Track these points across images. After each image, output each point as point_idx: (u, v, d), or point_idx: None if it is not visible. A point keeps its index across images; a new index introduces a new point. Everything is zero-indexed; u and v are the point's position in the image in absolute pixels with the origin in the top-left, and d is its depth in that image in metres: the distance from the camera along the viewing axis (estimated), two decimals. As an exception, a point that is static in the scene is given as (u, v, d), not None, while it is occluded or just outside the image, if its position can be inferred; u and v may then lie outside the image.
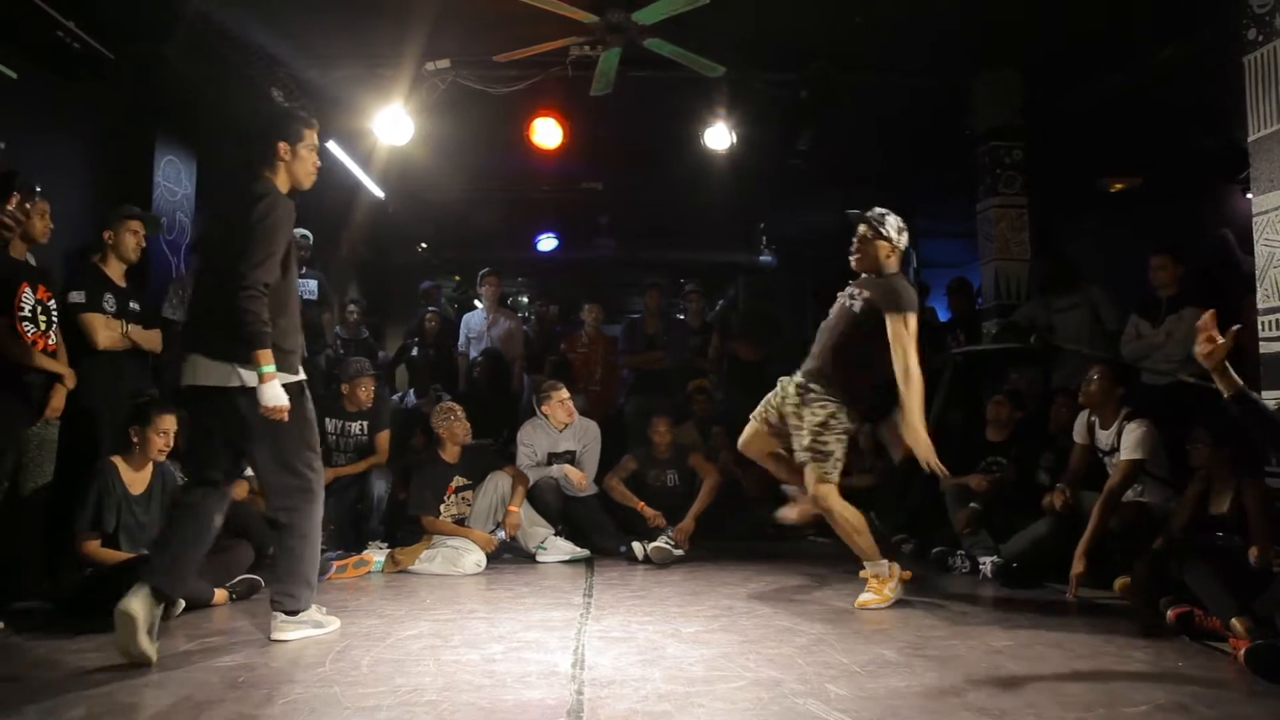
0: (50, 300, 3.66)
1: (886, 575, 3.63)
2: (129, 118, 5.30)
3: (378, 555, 4.60)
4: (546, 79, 5.69)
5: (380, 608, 3.64)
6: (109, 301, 4.04)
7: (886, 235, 3.71)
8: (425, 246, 10.56)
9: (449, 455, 4.92)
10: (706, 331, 7.40)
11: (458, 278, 11.55)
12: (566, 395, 5.48)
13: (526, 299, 12.57)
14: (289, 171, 3.12)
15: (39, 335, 3.57)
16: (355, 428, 5.10)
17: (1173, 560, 3.25)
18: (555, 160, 6.93)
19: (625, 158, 7.66)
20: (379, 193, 8.02)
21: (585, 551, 4.96)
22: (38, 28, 4.21)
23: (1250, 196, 4.15)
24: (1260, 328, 3.94)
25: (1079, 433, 4.31)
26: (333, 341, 7.11)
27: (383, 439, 5.14)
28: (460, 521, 4.83)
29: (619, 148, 7.30)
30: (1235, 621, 2.84)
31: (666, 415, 5.59)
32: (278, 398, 2.86)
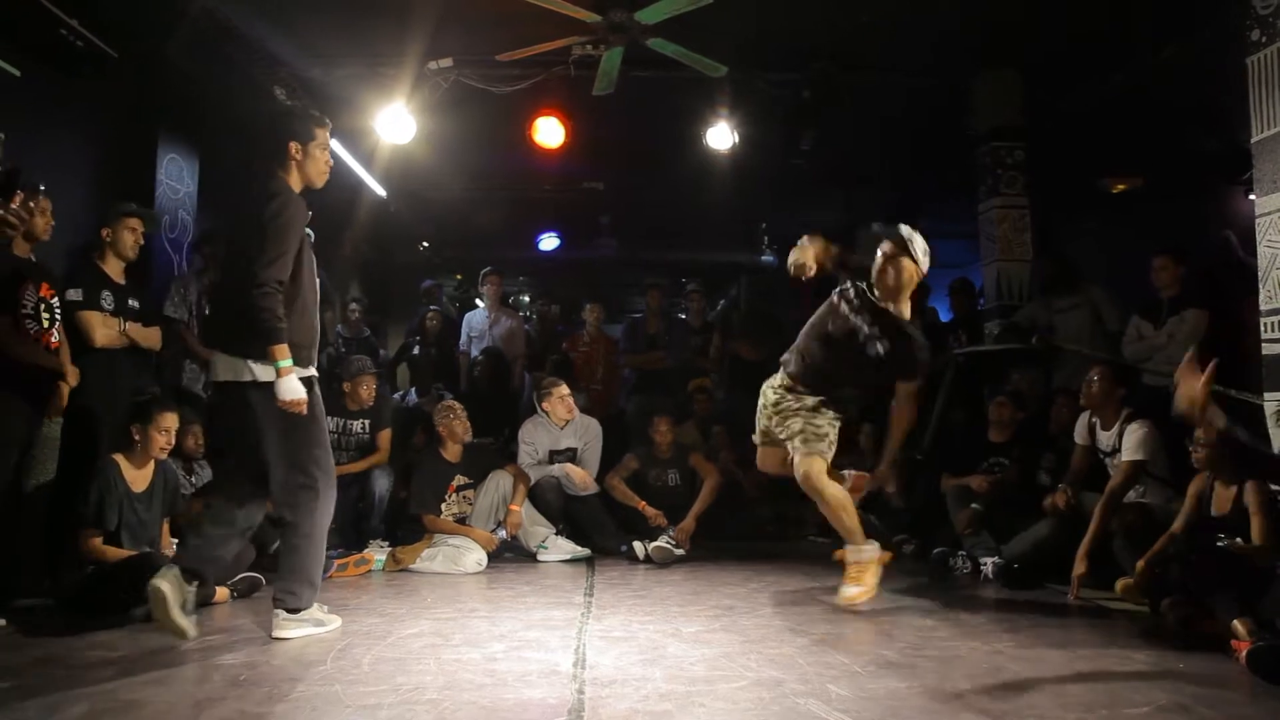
0: (53, 298, 3.66)
1: (867, 560, 3.56)
2: (132, 115, 5.30)
3: (379, 554, 4.61)
4: (549, 78, 5.70)
5: (381, 606, 3.64)
6: (107, 299, 4.05)
7: (913, 255, 3.59)
8: (427, 245, 10.57)
9: (450, 454, 4.92)
10: (708, 331, 7.40)
11: (459, 277, 11.56)
12: (567, 392, 5.48)
13: (528, 298, 12.58)
14: (301, 171, 3.16)
15: (42, 333, 3.57)
16: (357, 426, 5.10)
17: (1174, 561, 3.25)
18: (557, 160, 6.94)
19: (627, 157, 7.66)
20: (381, 191, 8.04)
21: (586, 551, 4.96)
22: (41, 25, 4.22)
23: (1253, 198, 4.14)
24: (1263, 329, 3.93)
25: (1080, 434, 4.30)
26: (334, 340, 7.11)
27: (384, 437, 5.14)
28: (461, 520, 4.83)
29: (621, 147, 7.30)
30: (1237, 623, 2.83)
31: (668, 415, 5.59)
32: (295, 391, 2.91)
